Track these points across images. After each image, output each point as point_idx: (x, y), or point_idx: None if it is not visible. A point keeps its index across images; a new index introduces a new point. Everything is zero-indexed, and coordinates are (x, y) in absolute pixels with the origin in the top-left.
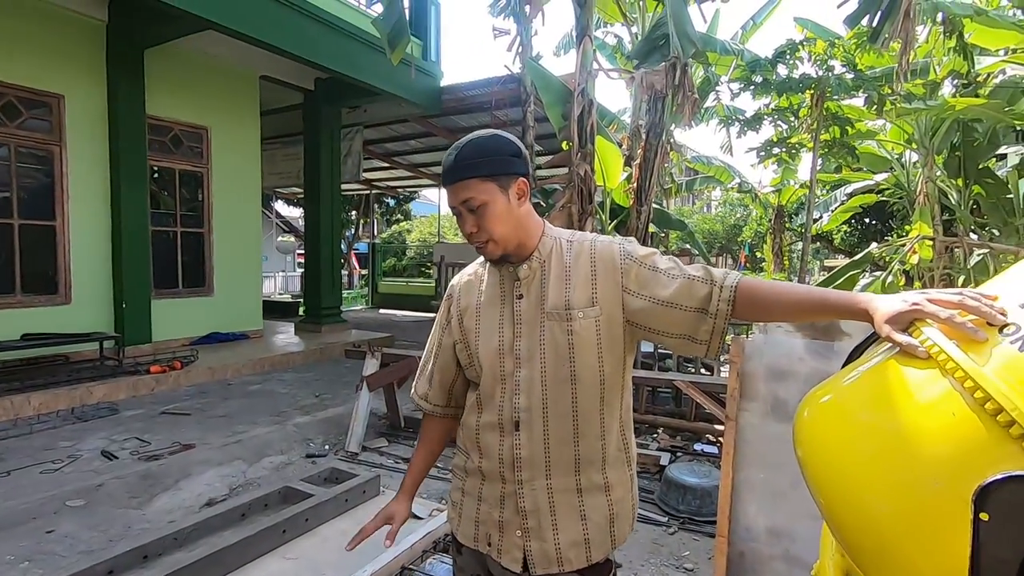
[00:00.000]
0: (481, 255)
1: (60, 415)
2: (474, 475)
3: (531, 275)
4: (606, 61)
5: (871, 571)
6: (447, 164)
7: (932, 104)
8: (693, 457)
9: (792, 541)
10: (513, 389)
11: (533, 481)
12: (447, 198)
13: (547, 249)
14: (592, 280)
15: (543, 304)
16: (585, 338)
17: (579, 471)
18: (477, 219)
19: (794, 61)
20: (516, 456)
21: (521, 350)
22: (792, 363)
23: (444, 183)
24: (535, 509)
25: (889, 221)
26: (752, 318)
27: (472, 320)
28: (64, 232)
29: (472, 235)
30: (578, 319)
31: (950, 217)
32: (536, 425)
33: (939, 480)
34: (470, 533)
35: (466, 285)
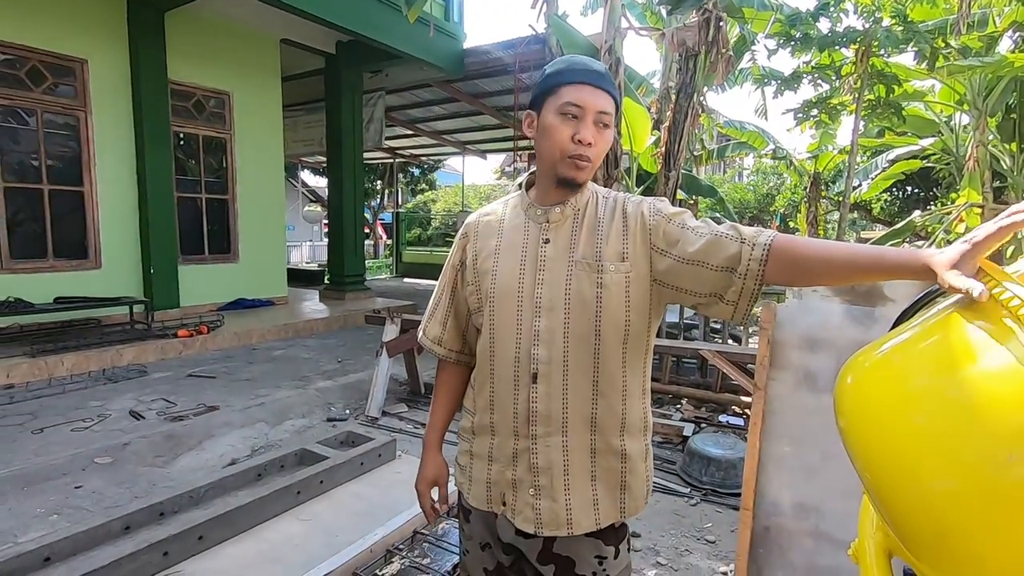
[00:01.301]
0: (569, 170)
1: (91, 376)
2: (484, 433)
3: (562, 220)
4: (635, 20)
5: (926, 556)
6: (589, 67)
7: (989, 60)
8: (718, 429)
9: (821, 517)
10: (532, 339)
11: (548, 437)
12: (570, 94)
13: (583, 199)
14: (624, 236)
15: (572, 252)
16: (614, 292)
17: (595, 431)
18: (599, 136)
19: (838, 13)
20: (532, 410)
21: (542, 298)
22: (828, 331)
23: (582, 78)
24: (548, 467)
25: (934, 189)
26: (789, 280)
27: (489, 262)
28: (92, 198)
29: (587, 145)
30: (609, 271)
31: (1001, 184)
32: (555, 378)
33: (1014, 454)
34: (482, 495)
35: (485, 225)
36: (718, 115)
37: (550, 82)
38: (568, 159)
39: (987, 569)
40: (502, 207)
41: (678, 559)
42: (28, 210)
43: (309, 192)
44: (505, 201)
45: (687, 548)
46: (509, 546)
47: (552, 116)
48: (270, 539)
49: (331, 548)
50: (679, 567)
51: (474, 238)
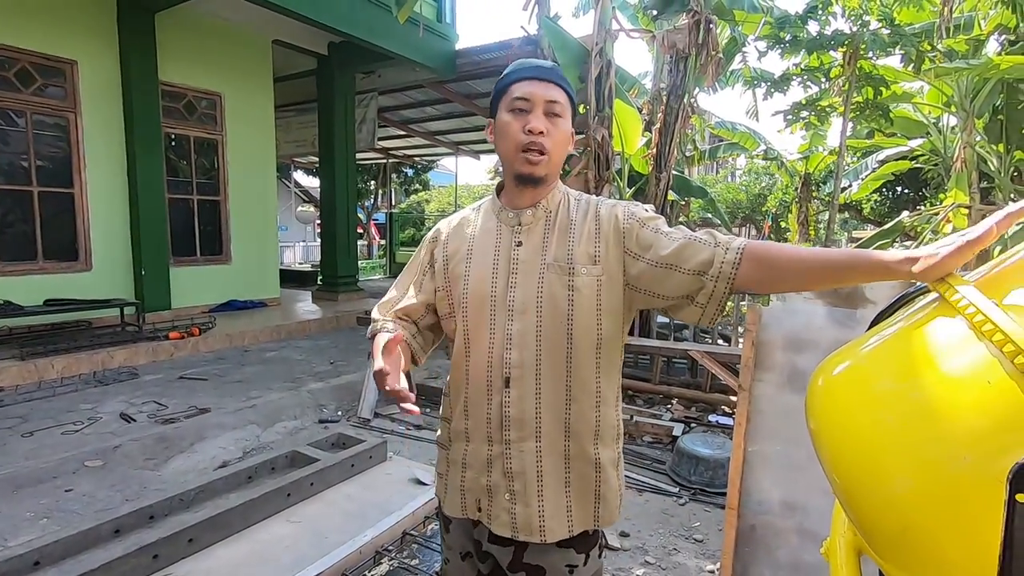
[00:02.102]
0: (523, 165)
1: (82, 378)
2: (459, 440)
3: (534, 223)
4: (626, 21)
5: (888, 554)
6: (537, 63)
7: (975, 63)
8: (707, 428)
9: (806, 515)
10: (504, 342)
11: (522, 443)
12: (519, 89)
13: (555, 201)
14: (596, 239)
15: (544, 254)
16: (586, 295)
17: (569, 437)
18: (551, 126)
19: (826, 17)
20: (505, 415)
21: (515, 301)
22: (811, 332)
23: (528, 74)
24: (522, 471)
25: (922, 190)
26: (762, 285)
27: (461, 266)
28: (83, 199)
29: (538, 134)
30: (581, 274)
31: (988, 185)
32: (528, 383)
33: (970, 456)
34: (457, 502)
35: (456, 229)
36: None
37: (501, 84)
38: (521, 154)
39: (947, 565)
40: (473, 213)
41: (666, 558)
42: (17, 212)
43: (302, 192)
44: (477, 207)
45: (675, 547)
46: (485, 553)
47: (505, 114)
48: (261, 540)
49: (321, 549)
50: (667, 566)
51: (444, 242)
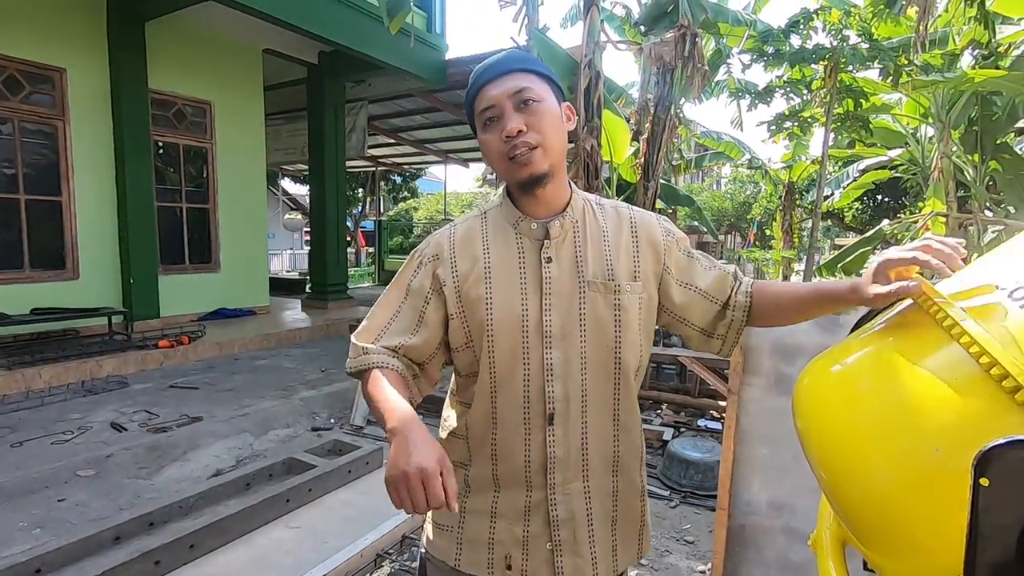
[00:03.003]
0: (519, 170)
1: (70, 388)
2: (484, 489)
3: (563, 235)
4: (614, 33)
5: (870, 541)
6: (490, 62)
7: (950, 76)
8: (697, 433)
9: (793, 514)
10: (544, 374)
11: (568, 485)
12: (481, 101)
13: (579, 208)
14: (634, 253)
15: (581, 271)
16: (632, 316)
17: (617, 471)
18: (528, 117)
19: (808, 31)
20: (550, 456)
21: (552, 326)
22: (797, 337)
23: (484, 79)
24: (570, 518)
25: (902, 198)
26: (766, 319)
27: (479, 287)
28: (70, 207)
29: (518, 136)
30: (626, 292)
31: (965, 194)
32: (574, 418)
33: (940, 448)
34: (481, 559)
35: (462, 244)
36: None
37: (468, 104)
38: (509, 162)
39: (922, 548)
40: (479, 222)
41: (658, 559)
42: (4, 220)
43: (290, 200)
44: (481, 215)
45: (667, 549)
46: None
47: (481, 133)
48: (261, 546)
49: (321, 554)
50: (659, 567)
51: (449, 260)
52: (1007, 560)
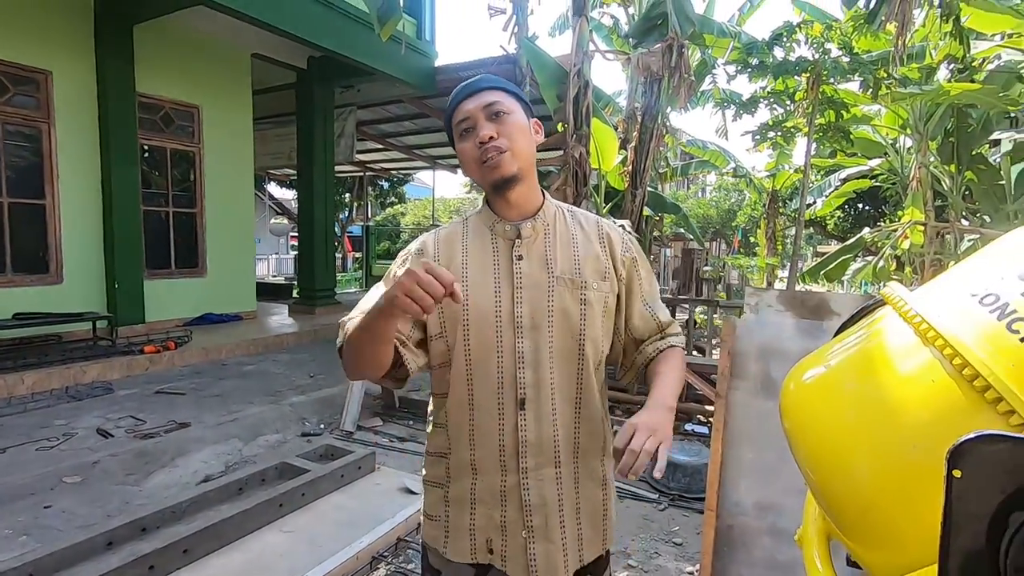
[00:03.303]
0: (491, 172)
1: (54, 394)
2: (463, 475)
3: (534, 236)
4: (602, 42)
5: (853, 534)
6: (467, 82)
7: (927, 89)
8: (684, 437)
9: (779, 515)
10: (515, 362)
11: (540, 470)
12: (458, 114)
13: (550, 213)
14: (604, 256)
15: (550, 267)
16: (596, 310)
17: (578, 458)
18: (498, 126)
19: (791, 44)
20: (522, 440)
21: (523, 317)
22: (782, 342)
23: (461, 95)
24: (542, 504)
25: (882, 207)
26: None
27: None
28: (54, 211)
29: (490, 142)
30: (592, 288)
31: (942, 203)
32: (544, 403)
33: (918, 444)
34: (465, 546)
35: (445, 242)
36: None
37: (447, 120)
38: (482, 165)
39: (902, 538)
40: (461, 226)
41: (648, 561)
42: None
43: (276, 204)
44: (464, 220)
45: (656, 551)
46: None
47: (458, 143)
48: (255, 550)
49: (316, 557)
50: (649, 569)
51: (433, 256)
52: (978, 545)
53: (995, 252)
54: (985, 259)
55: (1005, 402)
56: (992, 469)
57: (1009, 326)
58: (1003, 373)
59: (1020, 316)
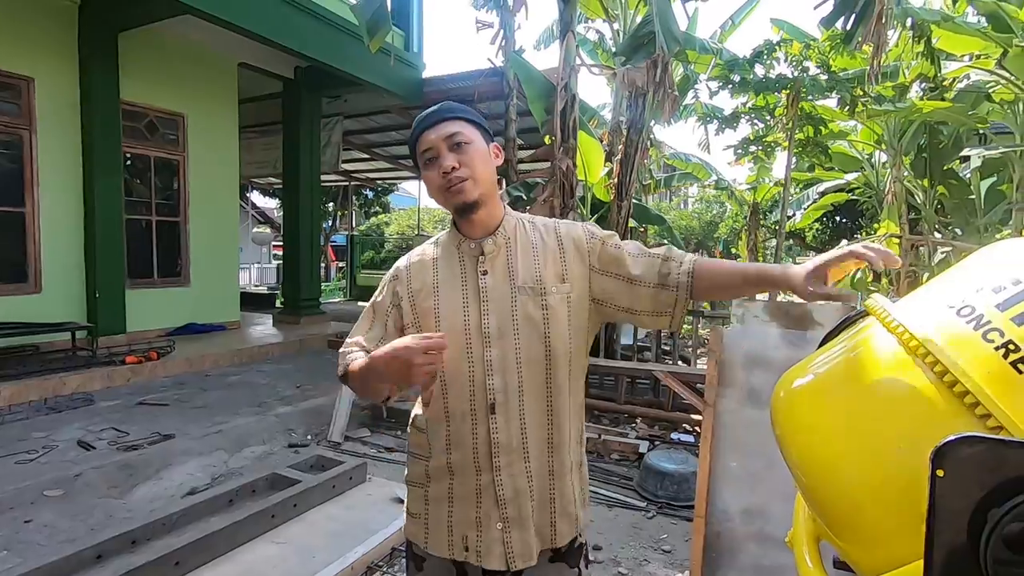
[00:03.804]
0: (454, 198)
1: (32, 406)
2: (440, 476)
3: (496, 251)
4: (588, 57)
5: (843, 534)
6: (428, 111)
7: (901, 106)
8: (670, 445)
9: (766, 521)
10: (485, 370)
11: (511, 466)
12: (422, 144)
13: (511, 226)
14: (561, 258)
15: (512, 279)
16: (559, 313)
17: (552, 452)
18: (460, 156)
19: (771, 61)
20: (494, 442)
21: (491, 328)
22: (767, 351)
23: (424, 125)
24: (514, 496)
25: (859, 219)
26: (712, 293)
27: (429, 300)
28: (34, 219)
29: (452, 172)
30: (552, 293)
31: (916, 216)
32: (512, 406)
33: (903, 446)
34: (443, 541)
35: (417, 265)
36: (665, 147)
37: (410, 145)
38: (446, 192)
39: (889, 536)
40: (432, 247)
41: (638, 568)
42: None
43: (258, 214)
44: (435, 241)
45: (645, 558)
46: None
47: (423, 171)
48: (247, 562)
49: (309, 568)
50: None
51: (405, 279)
52: (960, 540)
53: (971, 266)
54: (962, 272)
55: (982, 406)
56: (972, 469)
57: (984, 336)
58: (980, 379)
59: (994, 326)
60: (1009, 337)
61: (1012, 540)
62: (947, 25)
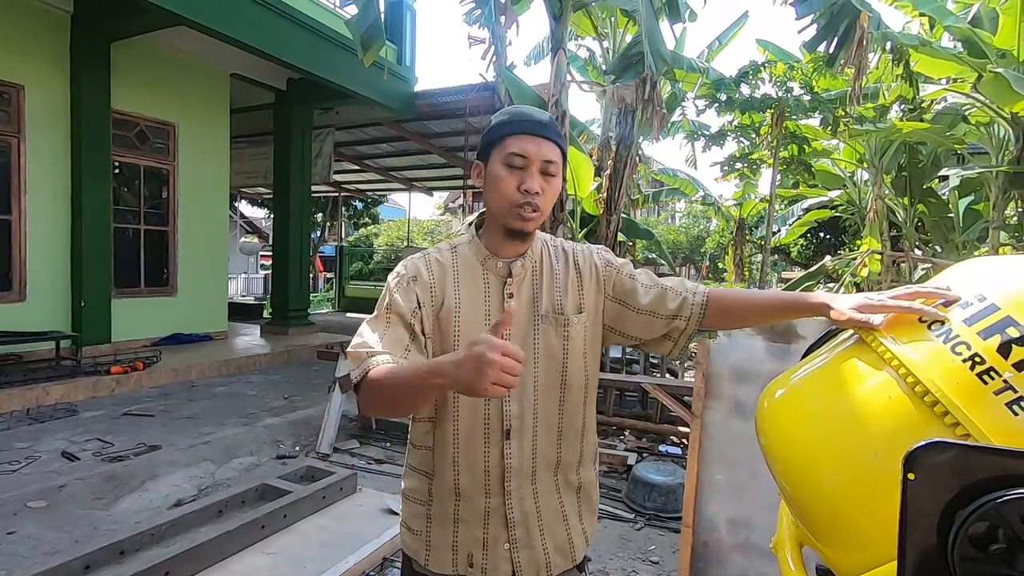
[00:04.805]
0: (518, 221)
1: (14, 416)
2: (445, 497)
3: (523, 274)
4: (578, 73)
5: (823, 537)
6: (534, 116)
7: (881, 126)
8: (658, 457)
9: (751, 530)
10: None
11: (521, 489)
12: (516, 144)
13: (537, 250)
14: (579, 288)
15: (536, 306)
16: (577, 343)
17: (558, 471)
18: (544, 184)
19: (756, 81)
20: (507, 466)
21: None
22: (753, 364)
23: (526, 129)
24: (523, 519)
25: (842, 236)
26: (723, 324)
27: (450, 317)
28: (20, 227)
29: (533, 194)
30: (573, 324)
31: (897, 233)
32: (527, 432)
33: (879, 452)
34: (445, 559)
35: (437, 272)
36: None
37: (496, 133)
38: (515, 209)
39: (867, 539)
40: (450, 254)
41: None
42: None
43: (246, 223)
44: (452, 247)
45: (633, 569)
46: None
47: (498, 167)
48: (237, 572)
49: None
50: None
51: (430, 285)
52: (930, 540)
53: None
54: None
55: (951, 415)
56: (941, 472)
57: (953, 349)
58: (948, 390)
59: (962, 340)
60: (976, 350)
61: (977, 539)
62: (924, 50)
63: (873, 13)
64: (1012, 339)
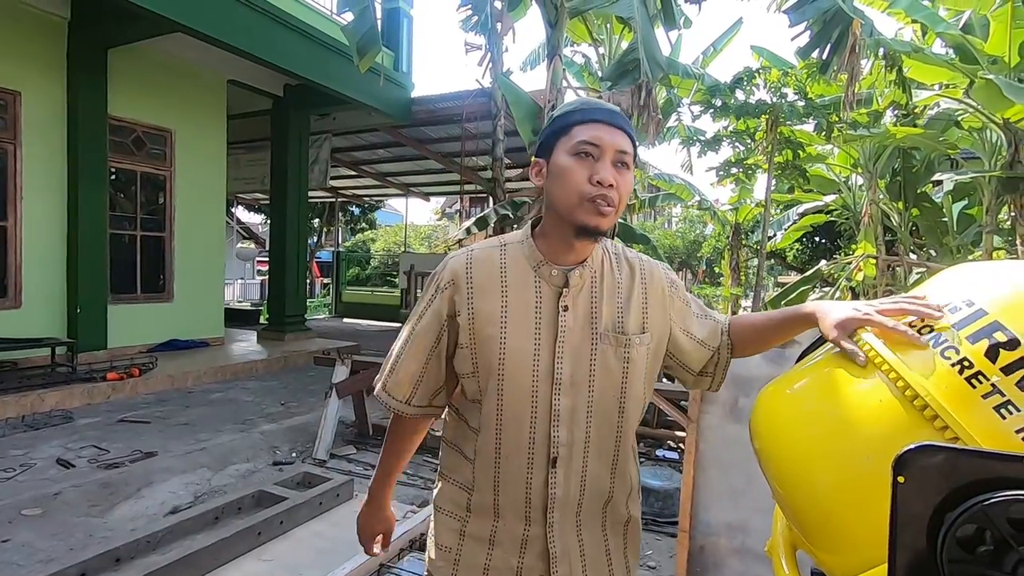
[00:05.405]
0: (593, 217)
1: (9, 423)
2: (485, 515)
3: (581, 285)
4: (574, 79)
5: (817, 540)
6: (607, 105)
7: (875, 132)
8: (656, 462)
9: (747, 535)
10: (551, 419)
11: (564, 522)
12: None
13: (597, 258)
14: (643, 305)
15: (595, 323)
16: (639, 366)
17: (608, 506)
18: (619, 177)
19: (751, 87)
20: (551, 496)
21: (563, 375)
22: (748, 369)
23: (596, 117)
24: (565, 554)
25: (837, 240)
26: (745, 350)
27: (494, 327)
28: (16, 233)
29: (608, 186)
30: (635, 345)
31: (892, 238)
32: (576, 462)
33: (870, 456)
34: None
35: (481, 275)
36: (649, 168)
37: (561, 123)
38: (588, 203)
39: (858, 542)
40: (498, 254)
41: None
42: None
43: (243, 229)
44: (501, 246)
45: None
46: None
47: (565, 158)
48: None
49: None
50: None
51: (467, 291)
52: (920, 542)
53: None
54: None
55: (940, 419)
56: (930, 475)
57: (942, 353)
58: (937, 394)
59: (951, 345)
60: (964, 355)
61: (965, 541)
62: (917, 56)
63: (865, 20)
64: (1000, 343)
